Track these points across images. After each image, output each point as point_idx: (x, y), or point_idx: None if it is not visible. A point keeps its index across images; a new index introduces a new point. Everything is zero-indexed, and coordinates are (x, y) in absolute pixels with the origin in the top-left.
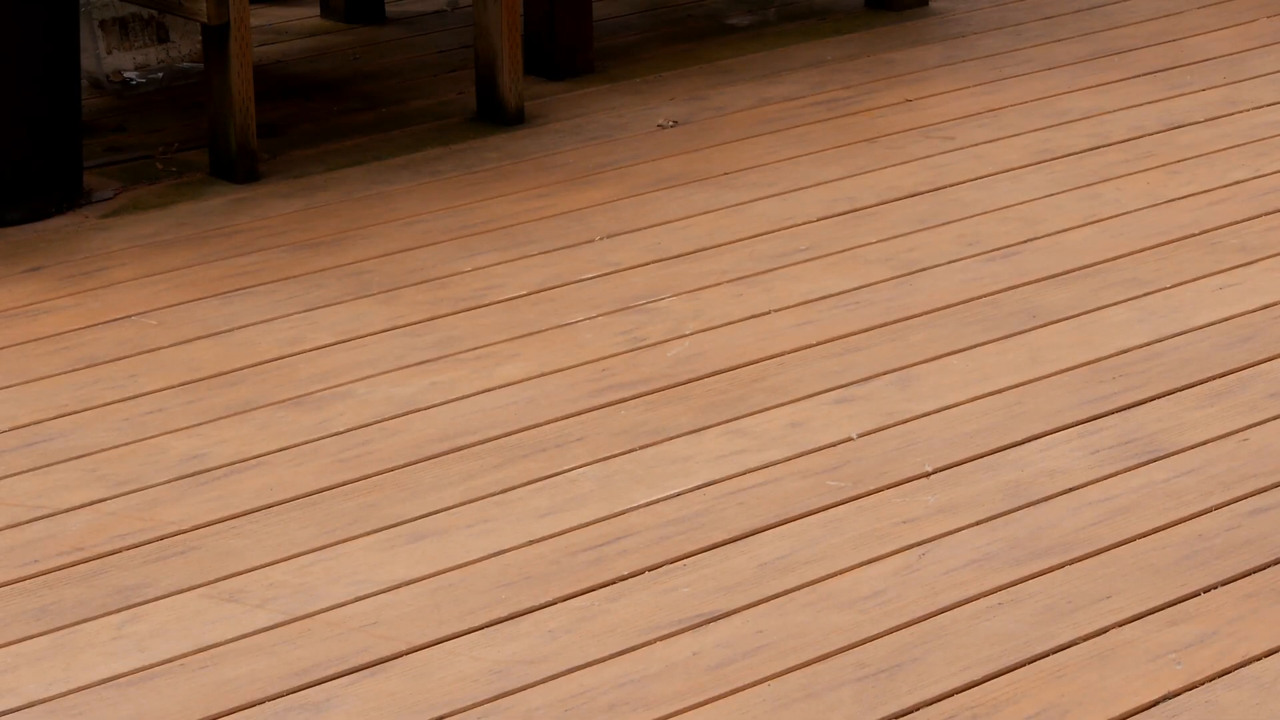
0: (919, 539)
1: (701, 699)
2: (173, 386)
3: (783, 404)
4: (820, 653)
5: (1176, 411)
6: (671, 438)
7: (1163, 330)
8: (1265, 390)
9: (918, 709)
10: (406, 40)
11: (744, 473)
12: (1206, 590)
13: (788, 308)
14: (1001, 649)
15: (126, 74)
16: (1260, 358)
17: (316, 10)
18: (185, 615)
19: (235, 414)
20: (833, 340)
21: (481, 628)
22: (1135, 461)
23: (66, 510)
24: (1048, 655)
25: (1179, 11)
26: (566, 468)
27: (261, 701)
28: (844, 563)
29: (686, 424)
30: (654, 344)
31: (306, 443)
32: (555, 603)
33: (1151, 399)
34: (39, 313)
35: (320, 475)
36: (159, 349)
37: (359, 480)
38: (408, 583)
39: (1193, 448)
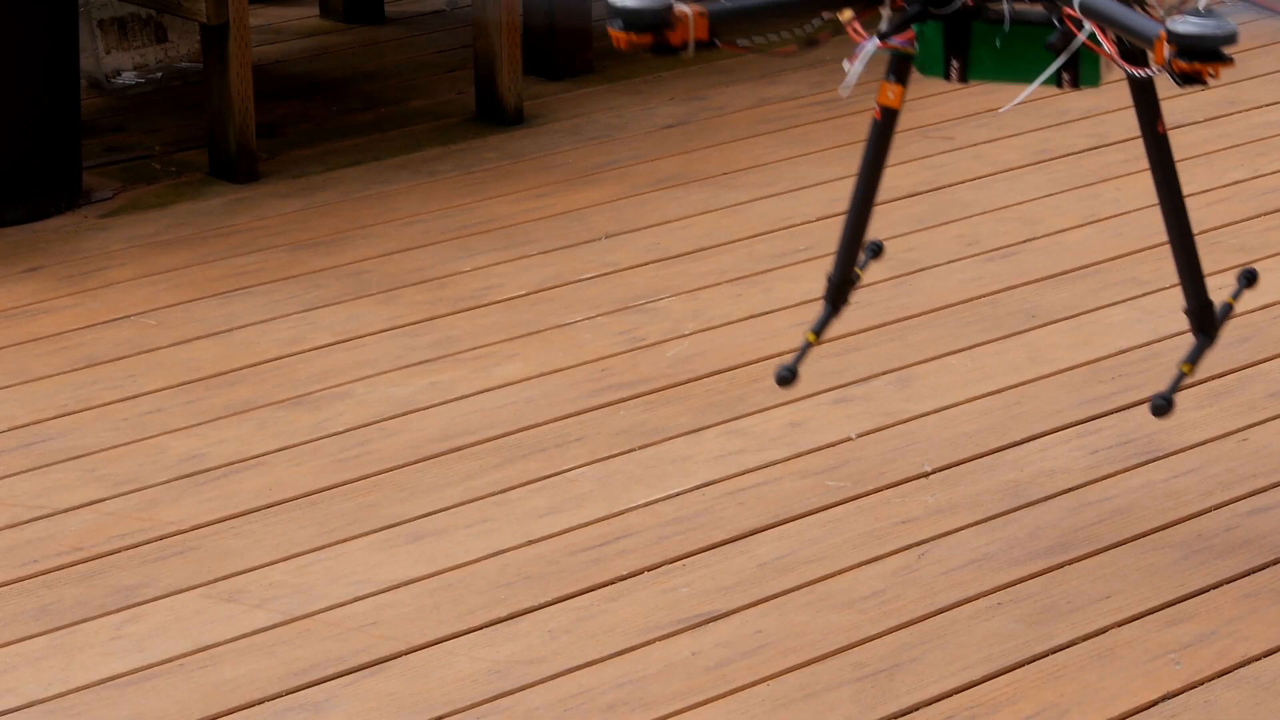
0: (918, 539)
1: (701, 699)
2: (172, 386)
3: (782, 404)
4: (819, 653)
5: (1175, 411)
6: (671, 438)
7: (1162, 330)
8: (1264, 390)
9: (917, 709)
10: (406, 40)
11: (743, 473)
12: (1206, 590)
13: (787, 308)
14: (1001, 649)
15: (125, 74)
16: (1259, 358)
17: (316, 10)
18: (184, 615)
19: (234, 414)
20: (832, 340)
21: (481, 628)
22: (1134, 461)
23: (66, 510)
24: (1047, 655)
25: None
26: (566, 468)
27: (261, 701)
28: (843, 563)
29: (686, 424)
30: (653, 344)
31: (306, 443)
32: (555, 603)
33: (1150, 399)
34: (38, 313)
35: (319, 475)
36: (158, 349)
37: (358, 480)
38: (407, 583)
39: (1192, 448)
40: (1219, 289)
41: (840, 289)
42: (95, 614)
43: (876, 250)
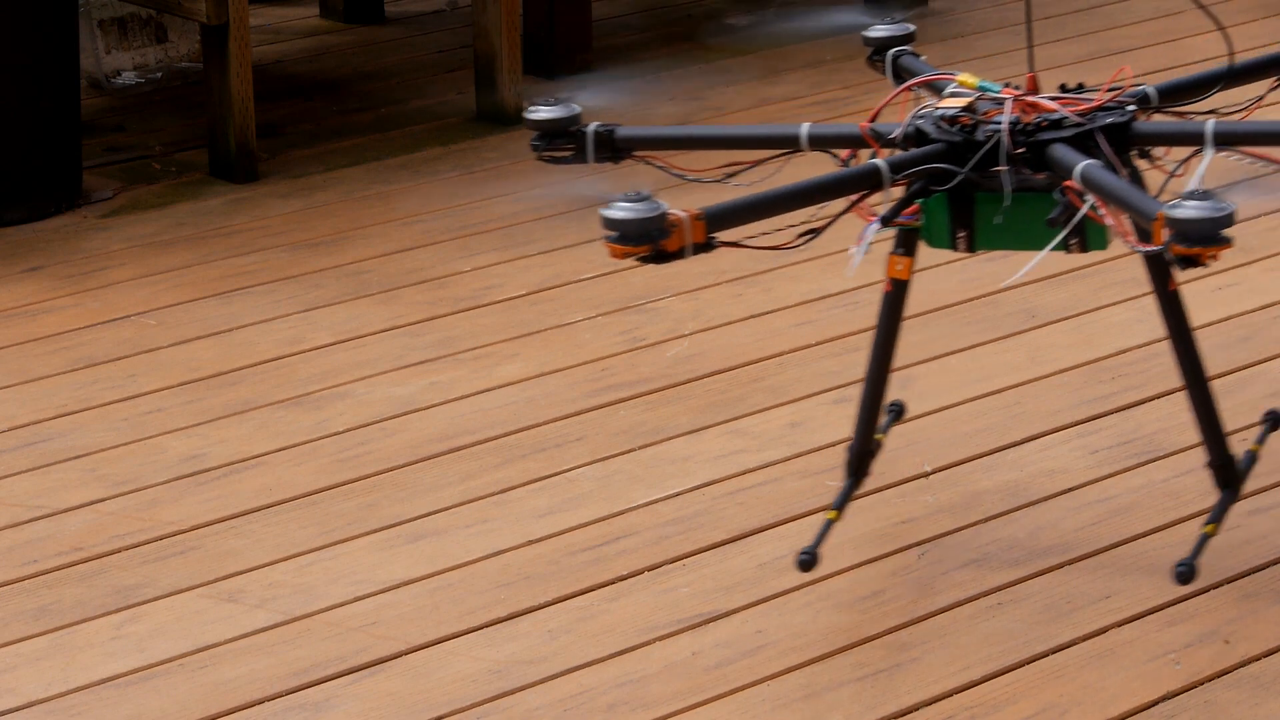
0: (918, 539)
1: (701, 699)
2: (172, 386)
3: (782, 404)
4: (819, 653)
5: (1175, 411)
6: (671, 437)
7: (1162, 330)
8: (1264, 390)
9: (917, 709)
10: (406, 40)
11: (743, 473)
12: (1206, 590)
13: (787, 308)
14: (1001, 649)
15: (125, 74)
16: (1259, 358)
17: (316, 10)
18: (185, 615)
19: (235, 414)
20: (832, 340)
21: (481, 628)
22: (1134, 461)
23: (66, 510)
24: (1047, 655)
25: (1178, 11)
26: (566, 468)
27: (261, 701)
28: (844, 563)
29: (686, 424)
30: (653, 344)
31: (306, 443)
32: (555, 603)
33: (1150, 399)
34: (39, 313)
35: (319, 475)
36: (158, 349)
37: (358, 480)
38: (407, 583)
39: (1192, 448)
40: (1218, 289)
41: (861, 460)
42: (95, 614)
43: (899, 412)
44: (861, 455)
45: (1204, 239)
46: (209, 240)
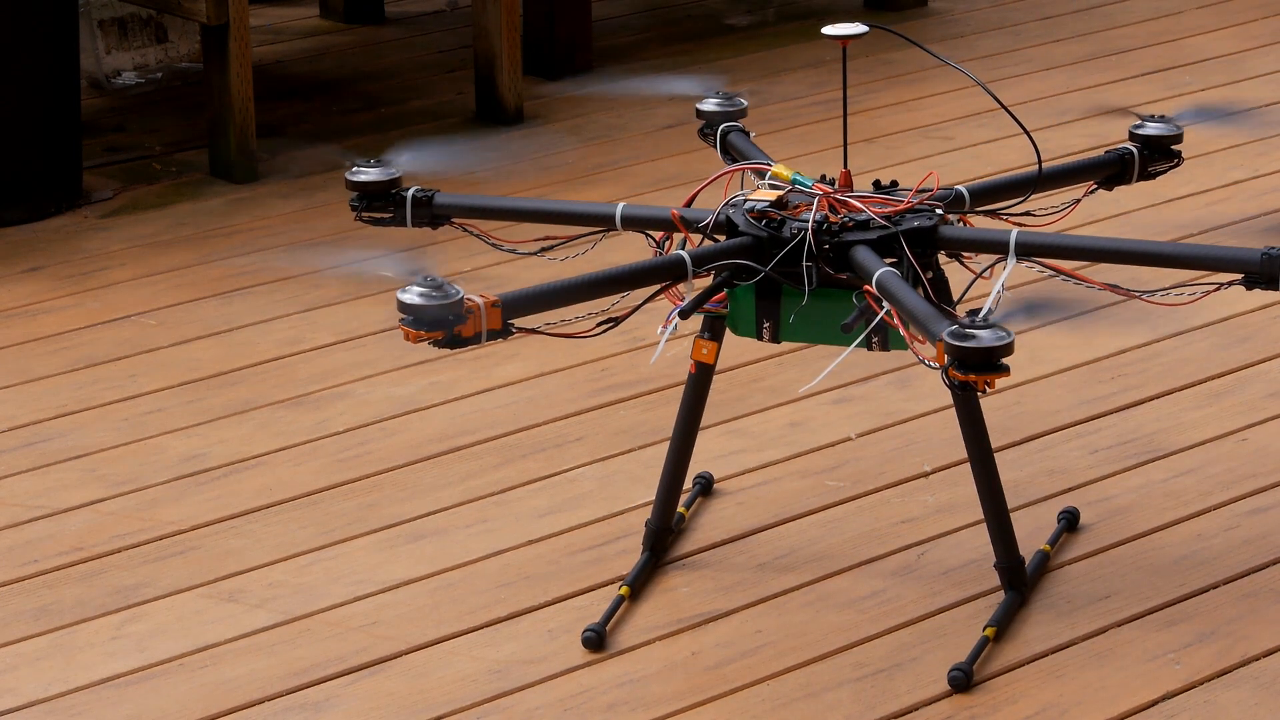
0: (918, 539)
1: (701, 699)
2: (172, 386)
3: (782, 404)
4: (819, 652)
5: (1175, 411)
6: (671, 438)
7: (1161, 330)
8: (1263, 390)
9: (916, 709)
10: (406, 40)
11: (743, 472)
12: (1206, 590)
13: None
14: (1000, 649)
15: (125, 74)
16: (1258, 358)
17: (316, 10)
18: (185, 615)
19: (235, 414)
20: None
21: (481, 628)
22: (1134, 461)
23: (66, 510)
24: (1047, 655)
25: (1178, 11)
26: (566, 468)
27: (261, 701)
28: (843, 563)
29: None
30: (653, 344)
31: (306, 443)
32: (555, 603)
33: (1150, 399)
34: (39, 313)
35: (320, 475)
36: (159, 349)
37: (358, 480)
38: (407, 583)
39: (1191, 448)
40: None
41: (660, 536)
42: (95, 614)
43: (708, 485)
44: (659, 532)
45: (979, 368)
46: (209, 240)
